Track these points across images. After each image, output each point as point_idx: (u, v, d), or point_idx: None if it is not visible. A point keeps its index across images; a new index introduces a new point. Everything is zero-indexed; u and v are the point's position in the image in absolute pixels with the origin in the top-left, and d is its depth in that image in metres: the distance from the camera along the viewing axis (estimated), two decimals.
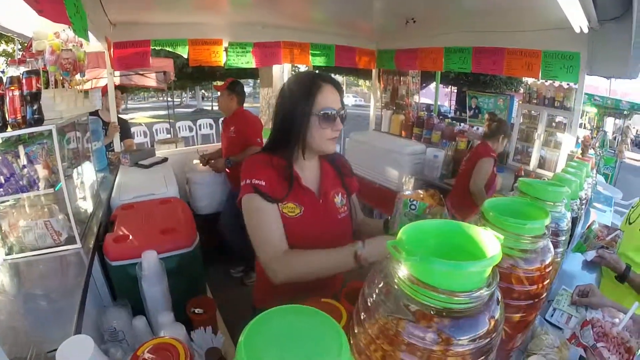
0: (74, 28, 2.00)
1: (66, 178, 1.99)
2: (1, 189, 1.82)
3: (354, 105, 29.99)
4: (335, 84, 1.56)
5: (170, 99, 14.46)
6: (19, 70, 1.90)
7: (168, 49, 4.21)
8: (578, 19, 2.73)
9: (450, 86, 18.78)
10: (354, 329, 0.80)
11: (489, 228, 1.02)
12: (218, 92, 4.21)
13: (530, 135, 4.59)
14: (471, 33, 4.30)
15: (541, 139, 4.39)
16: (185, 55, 4.24)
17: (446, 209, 1.55)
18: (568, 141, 3.98)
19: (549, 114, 4.33)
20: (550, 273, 1.11)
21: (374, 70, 6.13)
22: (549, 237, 1.25)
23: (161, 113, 17.12)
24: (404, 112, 6.08)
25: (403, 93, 6.39)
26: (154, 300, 1.82)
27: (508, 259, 1.03)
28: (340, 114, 1.54)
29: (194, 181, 4.27)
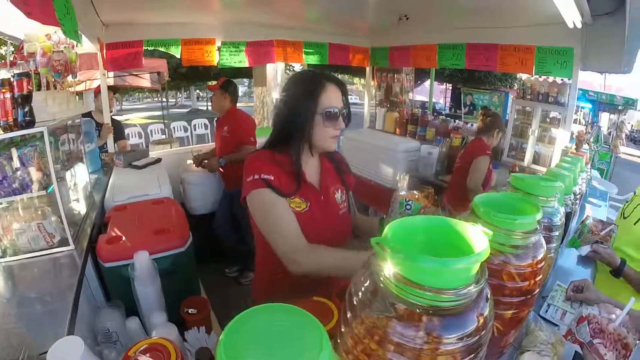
0: (64, 30, 1.99)
1: (59, 180, 1.99)
2: None
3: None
4: (338, 83, 1.58)
5: (164, 99, 14.40)
6: (10, 73, 1.90)
7: (161, 49, 4.19)
8: (571, 14, 2.73)
9: (445, 83, 18.80)
10: (340, 328, 0.79)
11: (480, 224, 1.01)
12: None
13: (524, 131, 4.57)
14: (464, 29, 4.30)
15: (535, 134, 4.38)
16: (178, 56, 4.22)
17: (440, 210, 1.57)
18: (562, 136, 3.99)
19: (543, 109, 4.32)
20: (542, 269, 1.10)
21: (368, 68, 6.12)
22: (542, 233, 1.25)
23: (156, 114, 17.06)
24: (398, 110, 6.07)
25: (397, 90, 6.38)
26: (147, 300, 1.82)
27: (499, 255, 1.02)
28: (343, 112, 1.57)
29: (188, 181, 4.26)
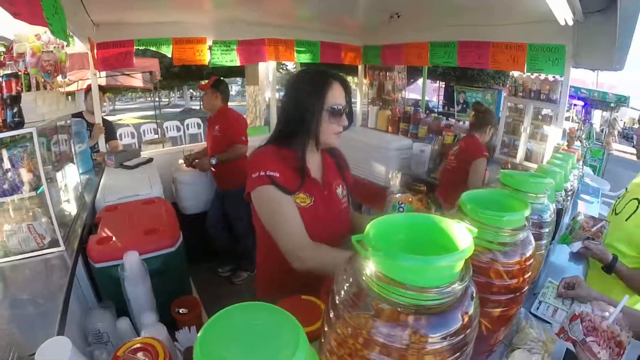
0: (52, 30, 1.97)
1: (49, 181, 1.98)
2: None
3: None
4: (342, 81, 1.63)
5: (157, 99, 14.34)
6: None
7: (152, 48, 4.17)
8: (563, 12, 2.74)
9: (438, 81, 18.80)
10: (323, 327, 0.78)
11: (467, 221, 1.01)
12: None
13: (516, 128, 4.59)
14: (456, 27, 4.30)
15: (527, 132, 4.39)
16: (169, 55, 4.20)
17: (434, 209, 1.59)
18: (554, 133, 4.01)
19: (535, 106, 4.33)
20: (531, 266, 1.11)
21: (360, 66, 6.11)
22: (531, 229, 1.25)
23: (149, 113, 16.97)
24: (390, 108, 6.07)
25: (389, 88, 6.40)
26: (137, 301, 1.81)
27: (487, 253, 1.02)
28: (346, 110, 1.63)
29: (180, 181, 4.23)
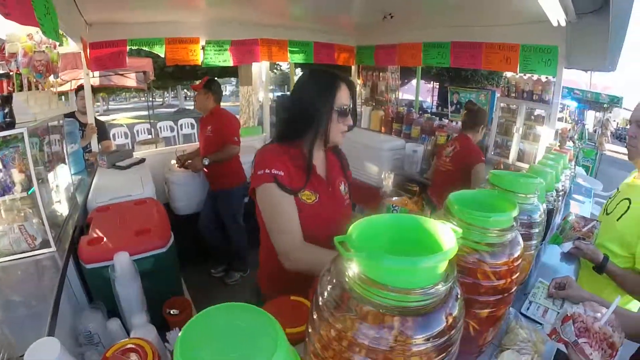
0: (44, 30, 1.96)
1: (41, 181, 1.98)
2: None
3: None
4: (348, 82, 1.70)
5: (150, 99, 14.29)
6: None
7: (145, 48, 4.16)
8: (555, 13, 2.76)
9: (432, 82, 18.79)
10: (307, 329, 0.78)
11: (454, 221, 1.02)
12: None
13: (509, 129, 4.59)
14: (449, 28, 4.32)
15: (520, 132, 4.40)
16: (162, 55, 4.19)
17: (429, 213, 1.61)
18: (547, 134, 4.03)
19: (527, 107, 4.34)
20: (519, 266, 1.10)
21: (353, 67, 6.12)
22: (521, 230, 1.26)
23: (143, 113, 16.93)
24: (383, 108, 6.07)
25: (382, 89, 6.39)
26: (128, 301, 1.81)
27: (474, 254, 1.02)
28: (351, 109, 1.69)
29: (173, 181, 4.22)
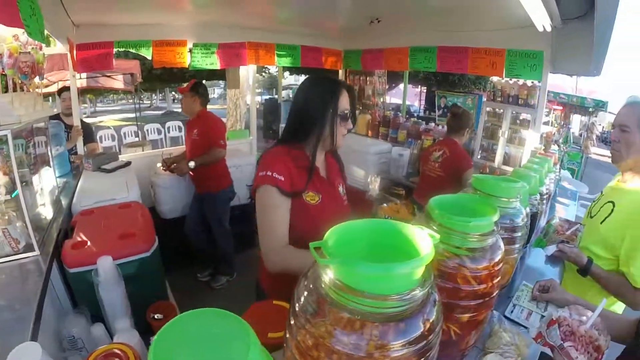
0: (29, 31, 1.95)
1: (25, 184, 1.96)
2: None
3: None
4: (349, 88, 1.78)
5: (138, 101, 14.18)
6: None
7: (132, 50, 4.12)
8: (541, 18, 2.79)
9: (419, 86, 18.86)
10: (285, 334, 0.77)
11: (434, 226, 1.03)
12: None
13: (495, 133, 4.64)
14: (436, 33, 4.36)
15: (505, 136, 4.45)
16: (149, 57, 4.17)
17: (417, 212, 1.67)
18: (532, 138, 4.07)
19: (513, 111, 4.39)
20: (500, 271, 1.11)
21: (341, 71, 6.13)
22: (502, 234, 1.27)
23: (131, 116, 16.74)
24: (370, 112, 6.11)
25: (369, 93, 6.44)
26: (112, 306, 1.80)
27: (454, 258, 1.02)
28: (350, 114, 1.77)
29: (158, 184, 4.20)
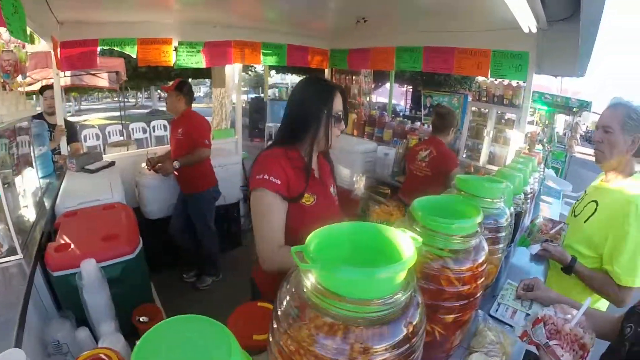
0: (11, 29, 1.93)
1: (7, 186, 1.94)
2: None
3: None
4: (342, 91, 1.80)
5: (123, 99, 14.03)
6: None
7: (116, 48, 4.06)
8: (527, 20, 2.82)
9: (405, 85, 18.90)
10: (269, 338, 0.77)
11: (418, 228, 1.03)
12: None
13: (480, 132, 4.68)
14: (422, 33, 4.37)
15: (490, 135, 4.49)
16: (134, 55, 4.11)
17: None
18: (517, 137, 4.11)
19: (498, 111, 4.43)
20: (484, 271, 1.11)
21: (327, 70, 6.13)
22: (485, 234, 1.27)
23: (116, 114, 16.56)
24: (356, 111, 6.12)
25: (355, 92, 6.45)
26: (96, 310, 1.78)
27: (438, 260, 1.02)
28: (343, 116, 1.80)
29: (143, 184, 4.13)
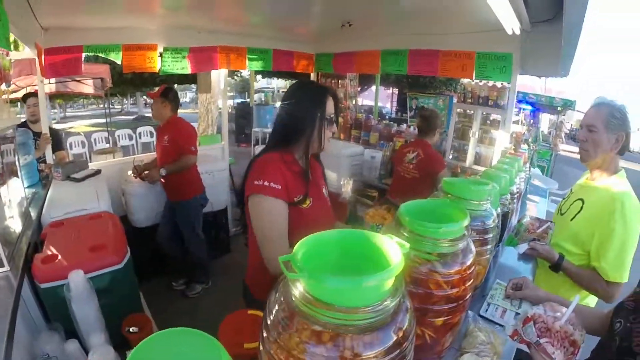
0: None
1: None
2: None
3: None
4: (333, 94, 1.83)
5: (109, 106, 13.89)
6: None
7: (101, 54, 4.02)
8: (510, 22, 2.84)
9: (391, 87, 18.93)
10: (259, 347, 0.76)
11: (405, 233, 1.03)
12: None
13: (466, 133, 4.72)
14: (407, 36, 4.39)
15: (476, 136, 4.53)
16: (119, 62, 4.06)
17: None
18: (502, 138, 4.15)
19: (483, 112, 4.47)
20: (473, 274, 1.12)
21: (312, 74, 6.11)
22: (473, 237, 1.28)
23: (101, 121, 16.31)
24: (342, 115, 6.13)
25: (341, 96, 6.47)
26: (85, 321, 1.75)
27: (426, 264, 1.03)
28: (335, 118, 1.83)
29: (130, 192, 4.08)
